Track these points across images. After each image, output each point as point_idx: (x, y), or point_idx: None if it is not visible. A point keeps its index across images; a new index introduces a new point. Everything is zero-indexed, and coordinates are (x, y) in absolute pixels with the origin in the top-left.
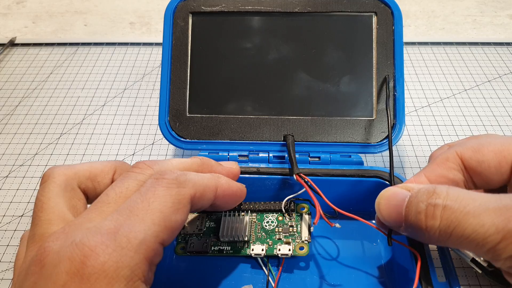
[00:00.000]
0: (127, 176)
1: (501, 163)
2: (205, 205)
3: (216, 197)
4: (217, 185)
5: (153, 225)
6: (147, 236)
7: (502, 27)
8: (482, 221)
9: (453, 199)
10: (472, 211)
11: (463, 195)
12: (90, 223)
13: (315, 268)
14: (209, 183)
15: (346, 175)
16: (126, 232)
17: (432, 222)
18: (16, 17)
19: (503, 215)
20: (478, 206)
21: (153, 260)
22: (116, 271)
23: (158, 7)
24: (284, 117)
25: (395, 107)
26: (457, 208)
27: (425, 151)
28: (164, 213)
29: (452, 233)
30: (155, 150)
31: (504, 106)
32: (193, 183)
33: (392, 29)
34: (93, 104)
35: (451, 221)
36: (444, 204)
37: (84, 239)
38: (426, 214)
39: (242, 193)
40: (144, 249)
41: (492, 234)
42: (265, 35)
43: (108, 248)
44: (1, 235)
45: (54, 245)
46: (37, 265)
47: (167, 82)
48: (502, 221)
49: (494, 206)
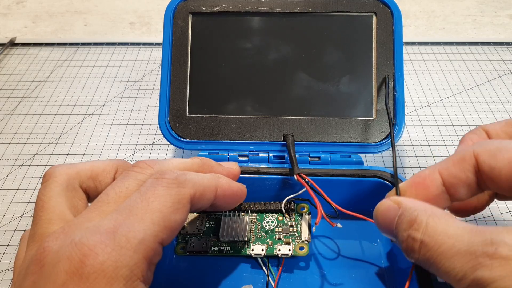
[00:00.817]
0: (127, 175)
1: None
2: (205, 205)
3: (216, 197)
4: (217, 185)
5: (152, 225)
6: (146, 236)
7: (502, 27)
8: (453, 265)
9: (430, 234)
10: (445, 252)
11: (441, 229)
12: (90, 222)
13: (315, 268)
14: (209, 183)
15: (346, 175)
16: (125, 231)
17: (412, 254)
18: (16, 17)
19: (472, 262)
20: (451, 246)
21: (152, 260)
22: (115, 271)
23: (158, 7)
24: (284, 117)
25: (395, 107)
26: (432, 246)
27: (425, 151)
28: (164, 213)
29: (430, 268)
30: (155, 150)
31: (504, 106)
32: (193, 183)
33: (392, 29)
34: (93, 104)
35: (427, 258)
36: (421, 239)
37: (83, 239)
38: (407, 245)
39: (242, 193)
40: (143, 249)
41: (461, 279)
42: (265, 35)
43: (107, 247)
44: (1, 235)
45: (53, 245)
46: (37, 264)
47: (167, 82)
48: (470, 267)
49: (465, 249)
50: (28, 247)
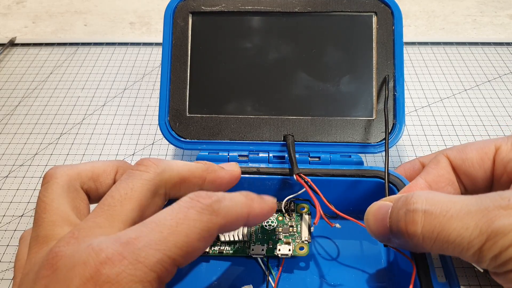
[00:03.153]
0: (132, 175)
1: (483, 159)
2: (231, 230)
3: (246, 223)
4: (249, 211)
5: (174, 248)
6: (165, 257)
7: (502, 27)
8: (466, 224)
9: (432, 203)
10: (455, 215)
11: (443, 199)
12: (100, 228)
13: (315, 268)
14: (242, 212)
15: (346, 175)
16: (146, 247)
17: (413, 228)
18: (16, 17)
19: (486, 217)
20: (460, 209)
21: (164, 280)
22: (129, 284)
23: (158, 7)
24: (284, 117)
25: (395, 107)
26: (439, 213)
27: (425, 151)
28: (189, 238)
29: (436, 238)
30: (155, 150)
31: (504, 106)
32: (226, 211)
33: (392, 29)
34: (93, 104)
35: (434, 226)
36: (424, 209)
37: (102, 245)
38: (406, 220)
39: (272, 212)
40: (159, 268)
41: (477, 237)
42: (265, 35)
43: (125, 259)
44: (1, 235)
45: (66, 249)
46: (49, 268)
47: (167, 82)
48: (485, 222)
49: (476, 208)
50: (32, 249)
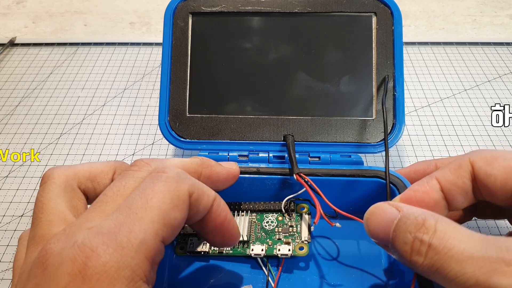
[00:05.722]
0: (125, 174)
1: (508, 180)
2: (200, 211)
3: (212, 211)
4: (215, 197)
5: (152, 224)
6: (147, 235)
7: (502, 27)
8: (464, 269)
9: (439, 237)
10: (456, 256)
11: (450, 234)
12: (90, 223)
13: (315, 268)
14: (208, 191)
15: (346, 175)
16: (126, 231)
17: (417, 257)
18: (16, 17)
19: (485, 268)
20: (463, 251)
21: (154, 259)
22: (117, 272)
23: (158, 7)
24: (284, 117)
25: (394, 107)
26: (441, 249)
27: (425, 151)
28: (163, 210)
29: (435, 273)
30: (155, 150)
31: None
32: (192, 182)
33: (392, 29)
34: (93, 104)
35: (434, 261)
36: (430, 242)
37: (85, 240)
38: (412, 248)
39: (237, 236)
40: (144, 249)
41: (472, 285)
42: (265, 35)
43: (109, 248)
44: (1, 235)
45: (55, 247)
46: (39, 267)
47: (167, 82)
48: (483, 274)
49: (478, 255)
50: (29, 249)
